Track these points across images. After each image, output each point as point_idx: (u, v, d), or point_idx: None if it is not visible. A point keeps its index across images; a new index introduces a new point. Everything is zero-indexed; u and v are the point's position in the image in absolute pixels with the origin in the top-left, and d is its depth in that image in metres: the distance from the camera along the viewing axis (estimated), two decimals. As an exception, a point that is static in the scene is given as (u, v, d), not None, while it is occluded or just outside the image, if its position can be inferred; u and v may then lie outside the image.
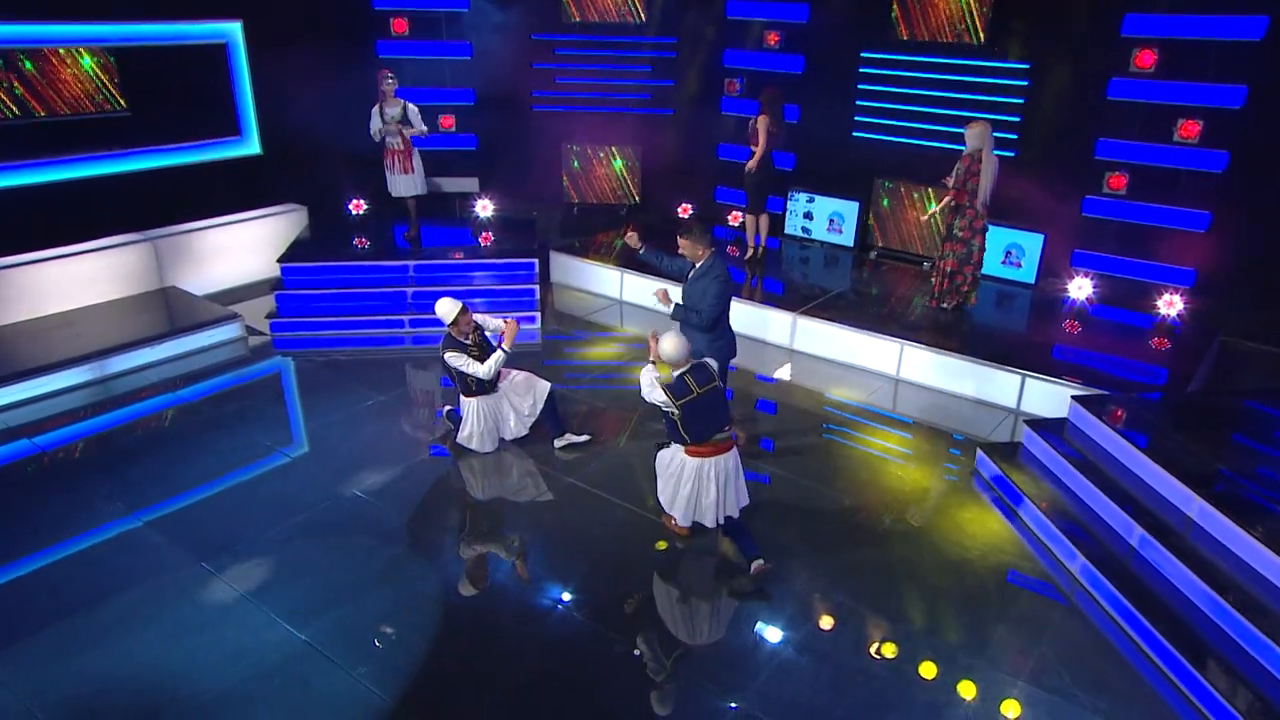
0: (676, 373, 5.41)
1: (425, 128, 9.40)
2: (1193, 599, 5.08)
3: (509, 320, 6.60)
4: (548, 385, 6.80)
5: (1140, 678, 4.84)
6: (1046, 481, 6.31)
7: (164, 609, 5.16)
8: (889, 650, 4.94)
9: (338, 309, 9.05)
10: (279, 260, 9.38)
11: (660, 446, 6.81)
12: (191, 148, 10.00)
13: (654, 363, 5.59)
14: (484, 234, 10.19)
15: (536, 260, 9.50)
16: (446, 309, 6.47)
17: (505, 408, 6.77)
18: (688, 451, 5.46)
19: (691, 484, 5.48)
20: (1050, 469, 6.40)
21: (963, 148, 8.18)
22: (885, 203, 10.16)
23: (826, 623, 5.16)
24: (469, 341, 6.52)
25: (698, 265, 6.33)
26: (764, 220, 9.91)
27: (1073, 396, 6.71)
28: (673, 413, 5.33)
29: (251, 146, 10.55)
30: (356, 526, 5.97)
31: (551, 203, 11.79)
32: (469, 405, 6.70)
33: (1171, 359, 7.76)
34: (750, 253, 9.97)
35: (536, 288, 9.29)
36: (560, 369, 8.22)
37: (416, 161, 9.51)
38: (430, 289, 9.15)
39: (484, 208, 10.44)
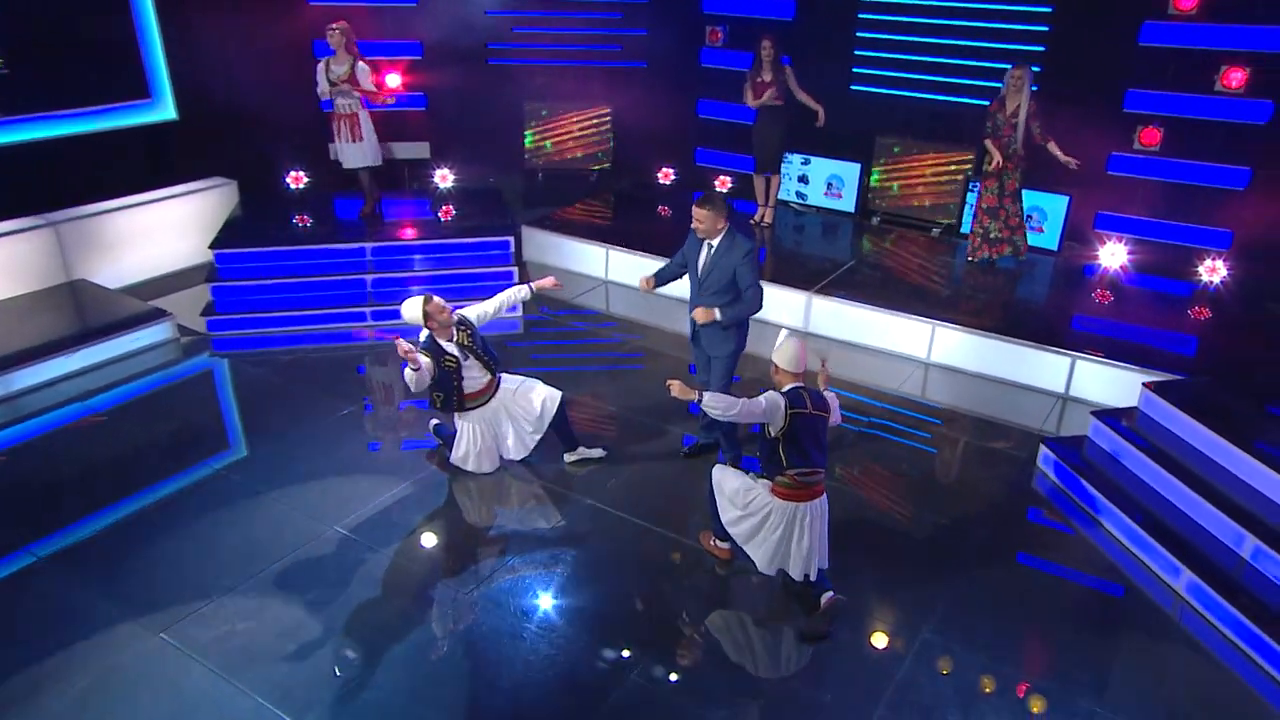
0: (790, 385, 4.55)
1: (374, 88, 8.16)
2: (1333, 624, 4.48)
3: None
4: (558, 394, 5.80)
5: (1291, 723, 4.23)
6: (1124, 482, 5.64)
7: (120, 701, 4.13)
8: (1009, 690, 4.22)
9: (286, 302, 7.85)
10: (211, 246, 8.09)
11: (688, 455, 6.01)
12: (89, 114, 8.50)
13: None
14: (444, 208, 9.04)
15: (512, 238, 8.43)
16: (411, 312, 5.37)
17: (505, 424, 5.77)
18: (779, 493, 4.58)
19: (782, 530, 4.61)
20: (1127, 467, 5.74)
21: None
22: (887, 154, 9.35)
23: (922, 666, 4.41)
24: (454, 341, 5.46)
25: (714, 244, 5.38)
26: (774, 182, 9.07)
27: (1144, 383, 6.04)
28: (774, 430, 4.47)
29: (165, 111, 9.12)
30: (345, 573, 4.96)
31: (513, 169, 10.64)
32: (461, 424, 5.69)
33: (1226, 333, 7.20)
34: (759, 216, 9.16)
35: (516, 270, 8.22)
36: (552, 365, 7.22)
37: (366, 127, 8.28)
38: (392, 275, 8.04)
39: (444, 178, 9.26)
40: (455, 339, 5.47)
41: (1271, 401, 5.94)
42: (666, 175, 10.02)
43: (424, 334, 5.45)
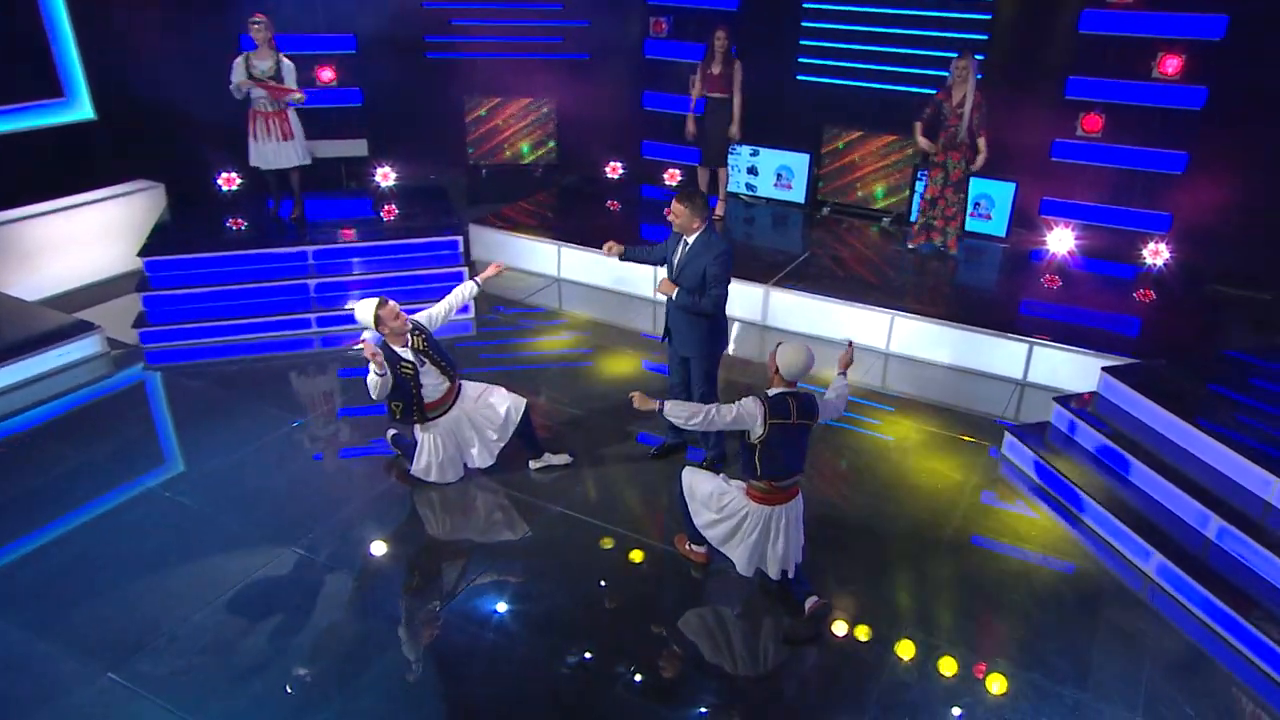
0: (780, 390, 4.38)
1: (300, 93, 7.80)
2: (1300, 600, 4.57)
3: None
4: (523, 401, 5.61)
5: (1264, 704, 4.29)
6: (1090, 466, 5.69)
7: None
8: (995, 683, 4.21)
9: (224, 310, 7.45)
10: (140, 253, 7.66)
11: (656, 456, 5.88)
12: (-5, 113, 7.99)
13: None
14: (387, 207, 8.74)
15: (461, 237, 8.17)
16: (364, 313, 5.17)
17: (468, 432, 5.55)
18: (753, 496, 4.48)
19: (758, 533, 4.51)
20: (1091, 451, 5.79)
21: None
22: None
23: (910, 662, 4.37)
24: (408, 346, 5.25)
25: (690, 240, 5.27)
26: (722, 175, 8.98)
27: (1103, 368, 6.11)
28: (752, 437, 4.34)
29: (81, 110, 8.63)
30: (306, 597, 4.73)
31: (455, 165, 10.34)
32: (423, 435, 5.46)
33: (1174, 314, 7.35)
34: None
35: (465, 270, 7.95)
36: (505, 365, 7.01)
37: (295, 124, 7.91)
38: (336, 279, 7.72)
39: (385, 176, 8.95)
40: (410, 344, 5.25)
41: (1226, 382, 6.06)
42: (614, 169, 9.86)
43: (369, 337, 5.23)
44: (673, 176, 9.78)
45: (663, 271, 5.47)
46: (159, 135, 8.60)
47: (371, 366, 5.00)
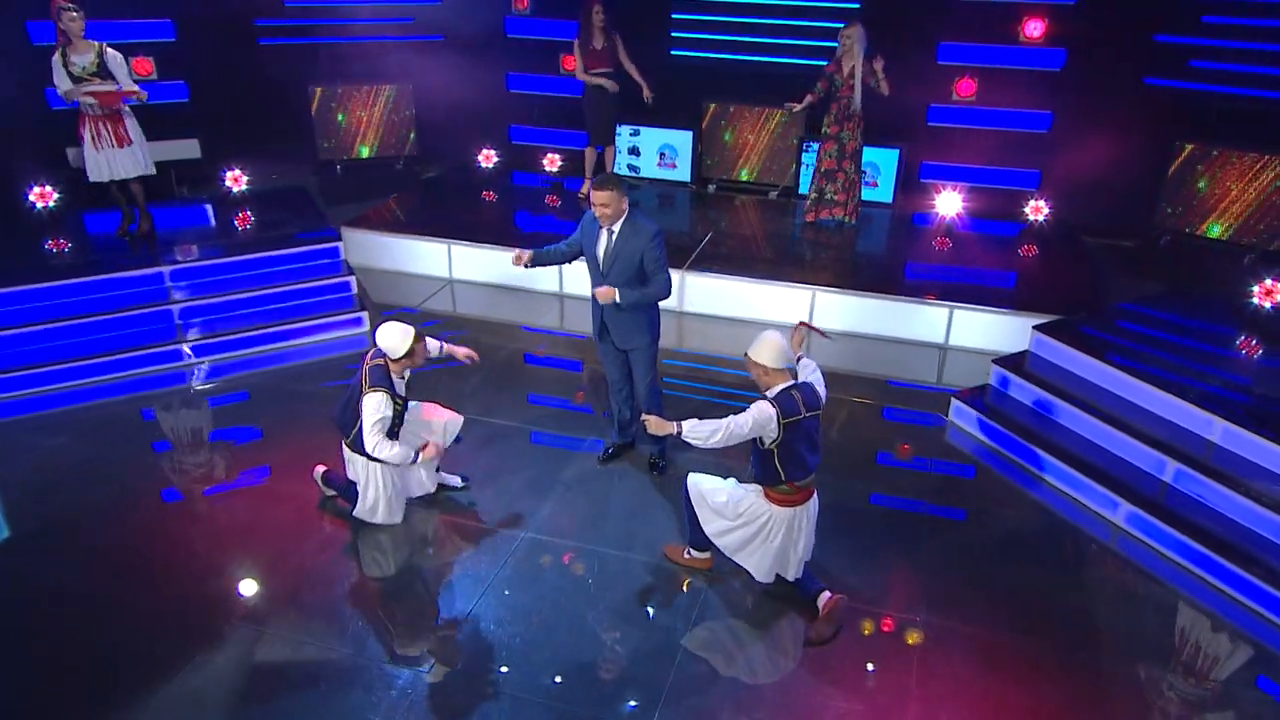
0: (781, 387, 4.07)
1: (136, 85, 6.74)
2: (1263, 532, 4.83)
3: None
4: (460, 419, 5.11)
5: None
6: (1037, 424, 5.81)
7: None
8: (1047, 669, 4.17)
9: (67, 349, 6.28)
10: (-52, 291, 6.36)
11: (606, 460, 5.51)
12: None
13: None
14: (240, 214, 7.73)
15: (341, 243, 7.33)
16: (396, 339, 4.56)
17: (412, 457, 4.98)
18: (774, 499, 4.19)
19: (782, 537, 4.25)
20: (1035, 409, 5.92)
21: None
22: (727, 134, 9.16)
23: (932, 652, 4.26)
24: (403, 380, 4.68)
25: (616, 229, 4.93)
26: (609, 154, 8.58)
27: (1034, 326, 6.27)
28: (767, 442, 4.04)
29: None
30: (268, 683, 4.03)
31: (304, 163, 9.35)
32: (367, 469, 4.80)
33: (1066, 267, 7.67)
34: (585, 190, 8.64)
35: (352, 279, 7.14)
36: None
37: (134, 129, 6.83)
38: (205, 300, 6.74)
39: (236, 180, 7.91)
40: (405, 378, 4.72)
41: (1146, 331, 6.37)
42: (489, 158, 9.22)
43: (368, 366, 4.60)
44: (552, 162, 9.26)
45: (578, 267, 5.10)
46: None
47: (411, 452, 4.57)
